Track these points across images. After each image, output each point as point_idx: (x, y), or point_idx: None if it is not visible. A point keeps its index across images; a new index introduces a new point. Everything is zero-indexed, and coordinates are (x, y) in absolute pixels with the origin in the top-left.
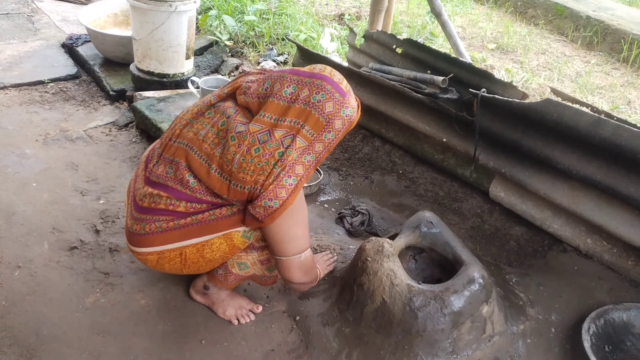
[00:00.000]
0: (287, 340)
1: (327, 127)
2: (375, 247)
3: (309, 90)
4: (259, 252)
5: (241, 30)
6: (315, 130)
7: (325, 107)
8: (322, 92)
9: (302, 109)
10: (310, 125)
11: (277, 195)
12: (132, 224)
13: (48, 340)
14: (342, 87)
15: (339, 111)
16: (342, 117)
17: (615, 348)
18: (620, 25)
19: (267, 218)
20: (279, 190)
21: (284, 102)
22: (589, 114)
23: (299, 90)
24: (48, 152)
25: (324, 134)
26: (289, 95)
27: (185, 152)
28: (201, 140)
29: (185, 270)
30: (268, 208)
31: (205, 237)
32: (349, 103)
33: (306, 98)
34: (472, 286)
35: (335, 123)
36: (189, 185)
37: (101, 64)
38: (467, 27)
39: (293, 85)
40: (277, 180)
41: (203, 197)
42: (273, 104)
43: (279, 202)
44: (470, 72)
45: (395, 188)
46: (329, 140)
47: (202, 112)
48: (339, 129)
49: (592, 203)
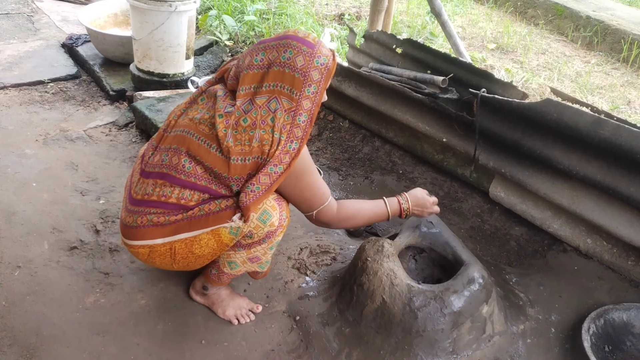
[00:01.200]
0: (287, 340)
1: (305, 81)
2: (375, 247)
3: (277, 51)
4: (246, 250)
5: (241, 30)
6: (296, 87)
7: (297, 62)
8: (289, 49)
9: (275, 71)
10: (288, 84)
11: (282, 160)
12: (126, 217)
13: (48, 340)
14: (308, 40)
15: (312, 62)
16: (318, 67)
17: (615, 348)
18: (620, 25)
19: (274, 184)
20: (283, 155)
21: (257, 69)
22: (589, 114)
23: (267, 54)
24: (48, 152)
25: (305, 88)
26: (259, 62)
27: (182, 138)
28: (197, 123)
29: (175, 266)
30: (273, 174)
31: (194, 233)
32: (320, 52)
33: (276, 59)
34: (472, 286)
35: (312, 75)
36: (184, 170)
37: (101, 64)
38: (467, 27)
39: (261, 52)
40: (280, 146)
41: (197, 182)
42: (247, 75)
43: (283, 166)
44: (470, 72)
45: (395, 188)
46: (313, 94)
47: (195, 99)
48: (318, 80)
49: (592, 203)
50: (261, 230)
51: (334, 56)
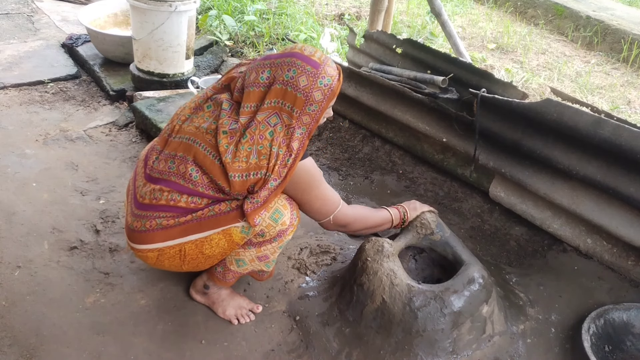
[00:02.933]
0: (287, 340)
1: (307, 101)
2: (375, 247)
3: (282, 70)
4: (256, 249)
5: (241, 30)
6: (297, 106)
7: (300, 82)
8: (293, 68)
9: (278, 89)
10: (290, 102)
11: (280, 174)
12: (133, 221)
13: (48, 340)
14: (314, 60)
15: (315, 83)
16: (321, 88)
17: (615, 348)
18: (620, 25)
19: (271, 196)
20: (282, 170)
21: (262, 87)
22: (588, 114)
23: (273, 73)
24: (48, 152)
25: (306, 107)
26: (265, 80)
27: (189, 147)
28: (204, 132)
29: (184, 267)
30: (271, 188)
31: (205, 233)
32: (325, 73)
33: (280, 78)
34: (472, 286)
35: (314, 95)
36: (191, 179)
37: (101, 64)
38: (467, 27)
39: (267, 70)
40: (279, 160)
41: (205, 191)
42: (251, 92)
43: (280, 179)
44: (470, 72)
45: (395, 188)
46: (314, 112)
47: (201, 106)
48: (320, 100)
49: (592, 203)
50: (273, 229)
51: (340, 76)
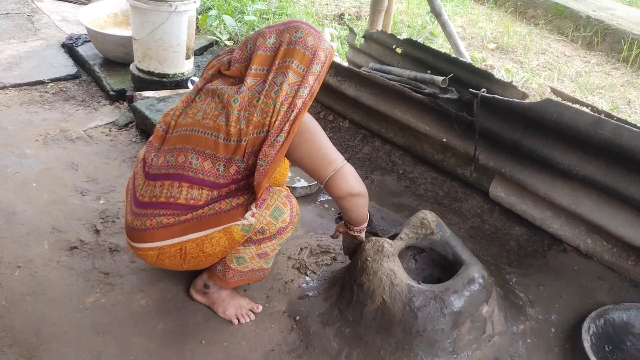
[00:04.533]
0: (287, 340)
1: (314, 58)
2: (375, 247)
3: (289, 32)
4: (256, 246)
5: (241, 30)
6: (304, 64)
7: (308, 41)
8: (300, 30)
9: (286, 49)
10: (298, 60)
11: (283, 129)
12: (133, 220)
13: (48, 340)
14: (315, 28)
15: (320, 43)
16: (324, 49)
17: (615, 348)
18: (620, 25)
19: (279, 153)
20: (283, 124)
21: (270, 52)
22: (588, 114)
23: (279, 37)
24: (48, 152)
25: (313, 66)
26: (273, 44)
27: (187, 137)
28: (201, 119)
29: (185, 266)
30: (276, 144)
31: (206, 232)
32: (324, 38)
33: (288, 39)
34: (472, 286)
35: (319, 54)
36: (192, 167)
37: (101, 64)
38: (467, 27)
39: (274, 35)
40: (280, 115)
41: (205, 178)
42: (260, 55)
43: (284, 134)
44: (470, 72)
45: (395, 188)
46: (317, 72)
47: (192, 98)
48: (323, 61)
49: (592, 203)
50: (273, 226)
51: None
